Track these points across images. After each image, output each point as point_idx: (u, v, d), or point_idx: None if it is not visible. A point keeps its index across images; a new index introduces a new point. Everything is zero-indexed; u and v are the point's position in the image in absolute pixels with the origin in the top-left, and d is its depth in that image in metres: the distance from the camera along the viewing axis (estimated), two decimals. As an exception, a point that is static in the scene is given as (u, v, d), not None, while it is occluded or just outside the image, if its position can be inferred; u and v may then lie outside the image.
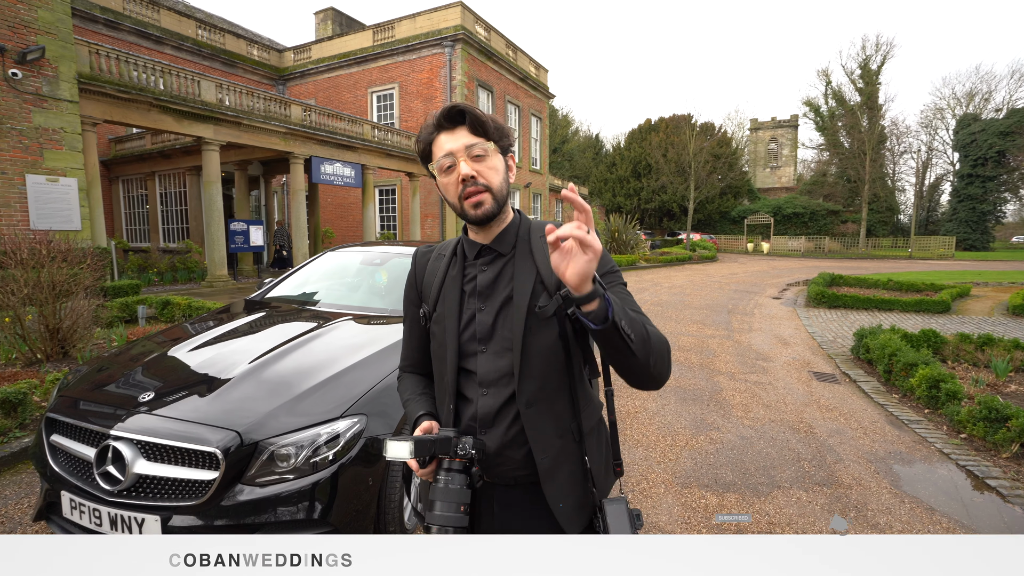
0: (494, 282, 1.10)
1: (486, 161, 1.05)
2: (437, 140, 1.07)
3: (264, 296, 3.81)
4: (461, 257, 1.16)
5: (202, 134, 11.71)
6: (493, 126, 1.06)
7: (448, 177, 1.06)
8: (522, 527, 1.09)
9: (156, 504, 1.92)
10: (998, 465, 3.42)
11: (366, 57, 22.21)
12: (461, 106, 1.05)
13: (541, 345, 1.04)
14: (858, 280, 13.12)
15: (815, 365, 6.08)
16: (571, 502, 1.07)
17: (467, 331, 1.10)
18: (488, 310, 1.09)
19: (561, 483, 1.06)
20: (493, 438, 1.07)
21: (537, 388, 1.05)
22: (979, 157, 36.60)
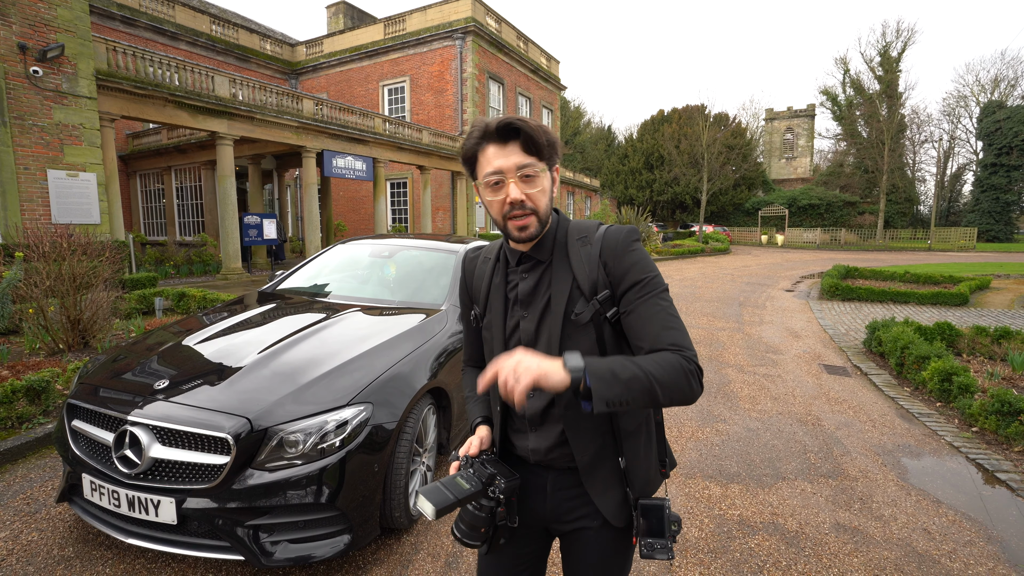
0: (534, 289, 1.11)
1: (535, 183, 1.03)
2: (485, 151, 1.04)
3: (276, 288, 3.89)
4: (504, 264, 1.18)
5: (216, 129, 11.87)
6: (546, 142, 1.03)
7: (495, 195, 1.04)
8: (572, 507, 1.13)
9: (171, 487, 2.01)
10: (1009, 459, 3.39)
11: (377, 50, 22.25)
12: (517, 123, 1.01)
13: (579, 350, 1.00)
14: (874, 272, 12.92)
15: (826, 358, 6.03)
16: (613, 497, 1.10)
17: (513, 338, 1.14)
18: (531, 317, 1.11)
19: (600, 480, 1.09)
20: (543, 436, 1.11)
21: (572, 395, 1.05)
22: (1004, 146, 35.58)
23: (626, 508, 1.10)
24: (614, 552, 1.13)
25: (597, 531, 1.11)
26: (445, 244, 4.11)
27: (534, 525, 1.17)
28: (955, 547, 2.47)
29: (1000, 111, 36.70)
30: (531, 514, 1.16)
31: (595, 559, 1.13)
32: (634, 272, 1.04)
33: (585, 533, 1.13)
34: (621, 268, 1.05)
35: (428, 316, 3.13)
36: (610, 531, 1.11)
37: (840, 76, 42.02)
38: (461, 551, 2.39)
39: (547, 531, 1.19)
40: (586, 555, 1.14)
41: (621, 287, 1.04)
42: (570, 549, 1.17)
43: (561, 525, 1.15)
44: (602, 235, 1.09)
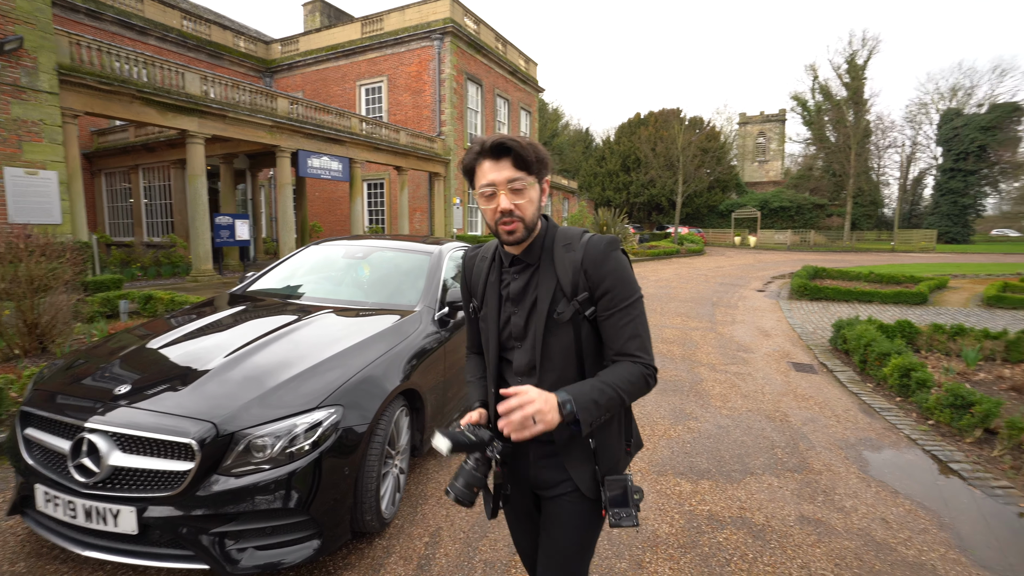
0: (524, 289, 1.27)
1: (524, 194, 1.19)
2: (481, 165, 1.19)
3: (247, 289, 3.81)
4: (499, 264, 1.33)
5: (187, 127, 11.56)
6: (534, 159, 1.18)
7: (488, 204, 1.20)
8: (550, 476, 1.29)
9: (131, 495, 1.95)
10: (961, 450, 3.54)
11: (354, 50, 22.00)
12: (508, 142, 1.15)
13: (559, 345, 1.22)
14: (841, 273, 13.33)
15: (794, 356, 6.20)
16: (586, 471, 1.25)
17: (505, 330, 1.30)
18: (520, 313, 1.27)
19: (577, 456, 1.25)
20: None
21: (555, 380, 1.22)
22: (961, 152, 37.19)
23: (597, 483, 1.25)
24: (585, 520, 1.27)
25: (572, 500, 1.26)
26: (420, 245, 4.09)
27: (524, 487, 1.37)
28: (911, 535, 2.58)
29: (958, 118, 38.32)
30: (521, 478, 1.35)
31: (568, 523, 1.27)
32: (610, 280, 1.18)
33: (562, 500, 1.27)
34: (599, 275, 1.19)
35: (402, 317, 3.11)
36: (584, 502, 1.26)
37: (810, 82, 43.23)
38: (434, 553, 2.38)
39: (534, 494, 1.38)
40: (561, 519, 1.28)
41: (599, 291, 1.19)
42: (548, 513, 1.31)
43: (543, 491, 1.32)
44: (585, 243, 1.23)
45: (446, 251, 4.01)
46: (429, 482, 3.04)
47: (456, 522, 2.63)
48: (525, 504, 1.41)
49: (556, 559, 1.29)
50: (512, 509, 1.44)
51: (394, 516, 2.64)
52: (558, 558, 1.28)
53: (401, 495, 2.78)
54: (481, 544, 2.46)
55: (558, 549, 1.28)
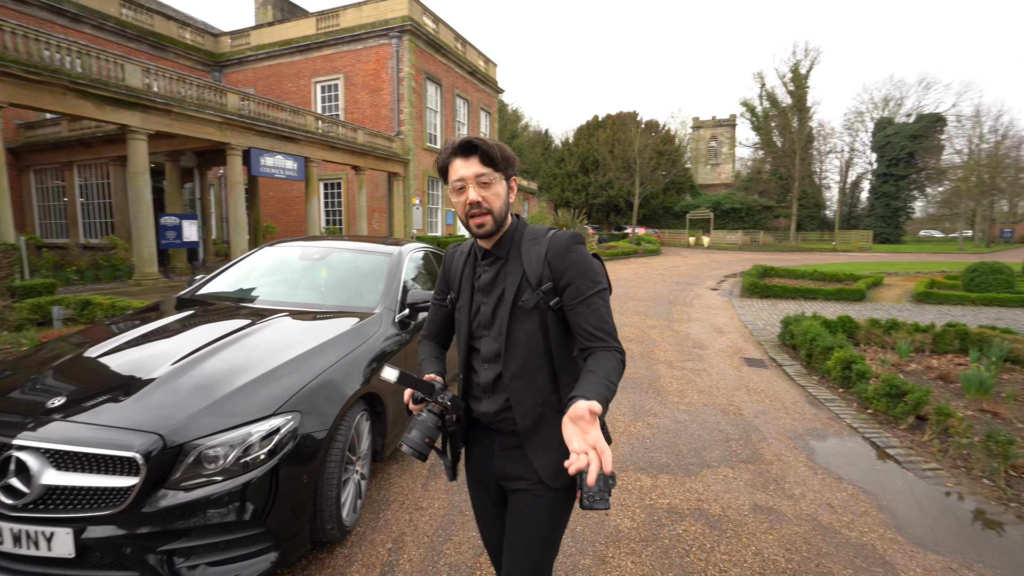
0: (493, 280, 1.35)
1: (491, 188, 1.27)
2: (453, 163, 1.29)
3: (196, 293, 3.64)
4: (474, 258, 1.42)
5: (127, 122, 10.90)
6: (500, 157, 1.27)
7: (459, 197, 1.29)
8: (514, 467, 1.34)
9: (68, 516, 1.82)
10: (896, 436, 3.79)
11: (309, 45, 21.37)
12: (475, 141, 1.26)
13: (524, 332, 1.29)
14: (787, 271, 14.00)
15: (746, 351, 6.46)
16: (551, 458, 1.28)
17: (475, 319, 1.37)
18: (489, 303, 1.34)
19: (541, 443, 1.29)
20: (493, 402, 1.34)
21: (520, 366, 1.29)
22: (893, 158, 39.80)
23: (564, 472, 1.28)
24: (550, 512, 1.31)
25: (536, 493, 1.30)
26: (379, 246, 4.02)
27: (491, 479, 1.40)
28: (853, 518, 2.73)
29: (890, 127, 41.00)
30: (485, 468, 1.40)
31: (533, 516, 1.31)
32: (573, 271, 1.26)
33: (526, 494, 1.32)
34: (562, 266, 1.27)
35: (361, 320, 3.05)
36: (549, 494, 1.30)
37: (758, 89, 45.31)
38: (397, 560, 2.35)
39: (499, 486, 1.41)
40: (526, 512, 1.32)
41: (562, 281, 1.26)
42: (513, 506, 1.35)
43: (508, 483, 1.36)
44: (549, 238, 1.31)
45: (406, 252, 3.96)
46: (391, 487, 2.99)
47: (420, 526, 2.60)
48: (492, 496, 1.45)
49: (522, 553, 1.31)
50: (480, 501, 1.49)
51: (356, 523, 2.59)
52: (523, 552, 1.31)
53: (363, 501, 2.72)
54: (445, 548, 2.44)
55: (523, 543, 1.31)
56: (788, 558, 2.38)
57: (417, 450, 1.22)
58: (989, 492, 3.01)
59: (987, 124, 36.77)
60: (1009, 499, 2.93)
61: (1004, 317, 8.55)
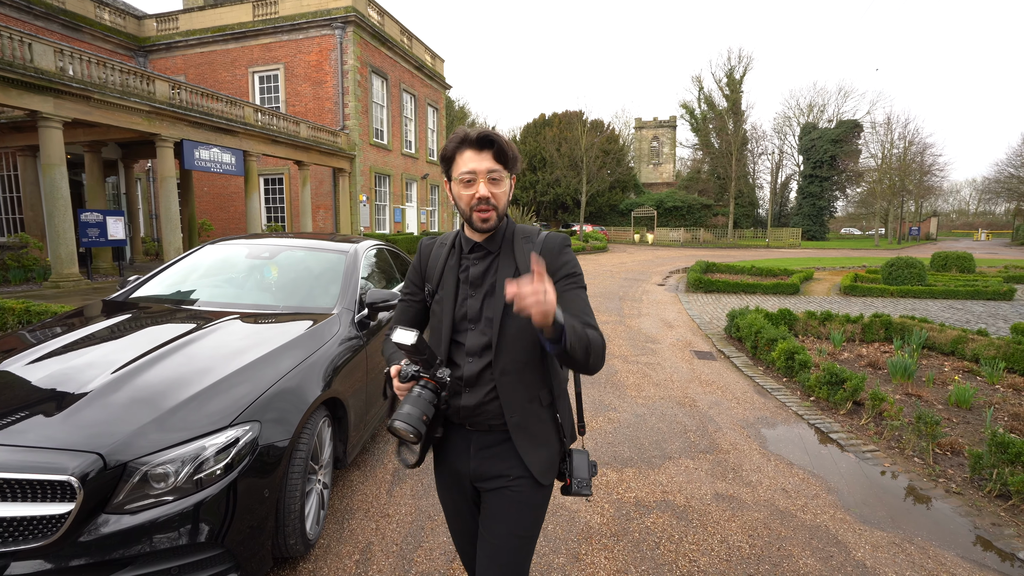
0: (483, 274, 1.34)
1: (500, 185, 1.28)
2: (463, 153, 1.27)
3: (129, 296, 3.34)
4: (459, 250, 1.38)
5: (38, 108, 9.89)
6: (512, 156, 1.28)
7: (467, 190, 1.27)
8: (492, 466, 1.32)
9: (-11, 550, 1.61)
10: (837, 421, 4.05)
11: (246, 33, 20.24)
12: (493, 136, 1.25)
13: (516, 327, 1.28)
14: (728, 267, 14.70)
15: (696, 344, 6.71)
16: (542, 454, 1.31)
17: (460, 311, 1.34)
18: (477, 296, 1.33)
19: (530, 437, 1.30)
20: (474, 395, 1.30)
21: (510, 360, 1.28)
22: (817, 160, 42.75)
23: (552, 467, 1.33)
24: (528, 507, 1.31)
25: (516, 490, 1.29)
26: (334, 244, 3.85)
27: (465, 482, 1.36)
28: (806, 501, 2.89)
29: (814, 131, 44.01)
30: (458, 472, 1.36)
31: (512, 515, 1.29)
32: (565, 268, 1.32)
33: (505, 491, 1.30)
34: (555, 264, 1.31)
35: (317, 322, 2.90)
36: (530, 489, 1.30)
37: (696, 92, 47.21)
38: (365, 571, 2.25)
39: (473, 489, 1.38)
40: (504, 511, 1.30)
41: (554, 278, 1.29)
42: (490, 507, 1.32)
43: (483, 483, 1.33)
44: (543, 238, 1.36)
45: (362, 250, 3.81)
46: (355, 495, 2.87)
47: (387, 535, 2.51)
48: (467, 501, 1.41)
49: (499, 555, 1.28)
50: (455, 510, 1.44)
51: (319, 535, 2.46)
52: (501, 554, 1.28)
53: (326, 512, 2.59)
54: (416, 555, 2.36)
55: (501, 544, 1.28)
56: (751, 543, 2.48)
57: (414, 427, 1.13)
58: (920, 469, 3.26)
59: (897, 131, 40.28)
60: (937, 475, 3.19)
61: (919, 307, 9.37)
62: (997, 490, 2.94)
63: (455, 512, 1.44)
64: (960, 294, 10.59)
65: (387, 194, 22.90)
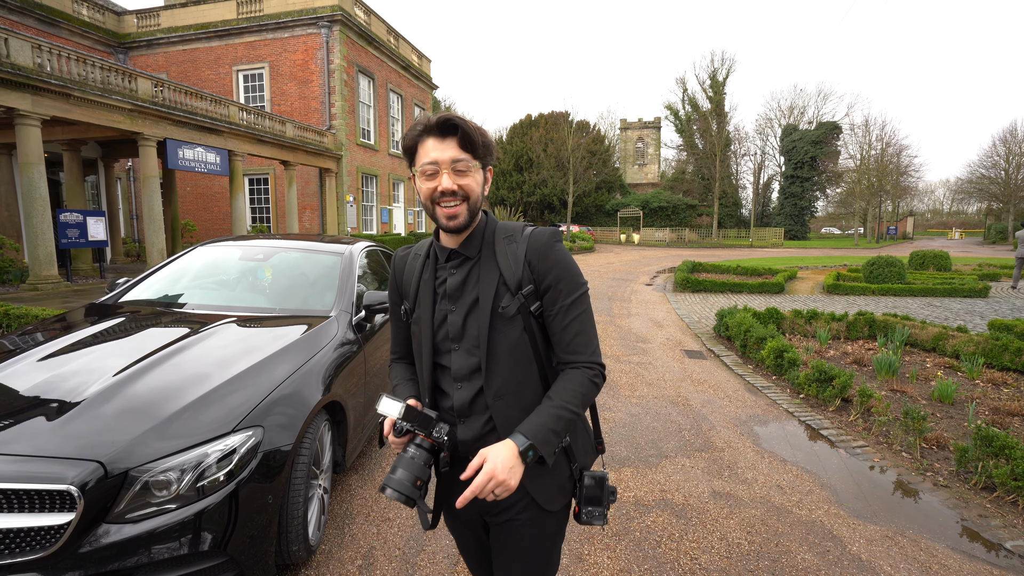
0: (462, 284, 1.16)
1: (468, 177, 1.10)
2: (424, 143, 1.10)
3: (118, 299, 3.27)
4: (433, 260, 1.22)
5: (15, 105, 9.63)
6: (481, 143, 1.10)
7: (428, 183, 1.10)
8: (500, 503, 1.15)
9: (-15, 562, 1.57)
10: (827, 418, 4.13)
11: (230, 31, 19.94)
12: (455, 120, 1.07)
13: (507, 343, 1.12)
14: (714, 267, 14.88)
15: (686, 344, 6.79)
16: (548, 482, 1.15)
17: (440, 331, 1.17)
18: (458, 311, 1.15)
19: (534, 471, 1.11)
20: (470, 427, 1.15)
21: (504, 382, 1.12)
22: (798, 161, 43.50)
23: (562, 492, 1.17)
24: (541, 539, 1.18)
25: (527, 521, 1.16)
26: (329, 245, 3.82)
27: (472, 514, 1.22)
28: (801, 497, 2.94)
29: (795, 133, 44.77)
30: (466, 509, 1.19)
31: (525, 548, 1.17)
32: (555, 271, 1.13)
33: (514, 524, 1.16)
34: (544, 266, 1.13)
35: (315, 324, 2.87)
36: (540, 519, 1.16)
37: (680, 94, 47.74)
38: None
39: (483, 520, 1.24)
40: (517, 545, 1.18)
41: (544, 284, 1.13)
42: (499, 539, 1.20)
43: (491, 516, 1.19)
44: (528, 235, 1.16)
45: (357, 251, 3.79)
46: (354, 499, 2.85)
47: (389, 539, 2.49)
48: (476, 530, 1.29)
49: None
50: (466, 541, 1.32)
51: (321, 541, 2.44)
52: None
53: (327, 517, 2.57)
54: (419, 559, 2.35)
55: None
56: (750, 540, 2.52)
57: (406, 495, 1.02)
58: (908, 464, 3.35)
59: (875, 133, 41.20)
60: (925, 469, 3.27)
61: (900, 305, 9.59)
62: (982, 483, 3.03)
63: (465, 545, 1.34)
64: (938, 292, 10.86)
65: (374, 194, 22.74)
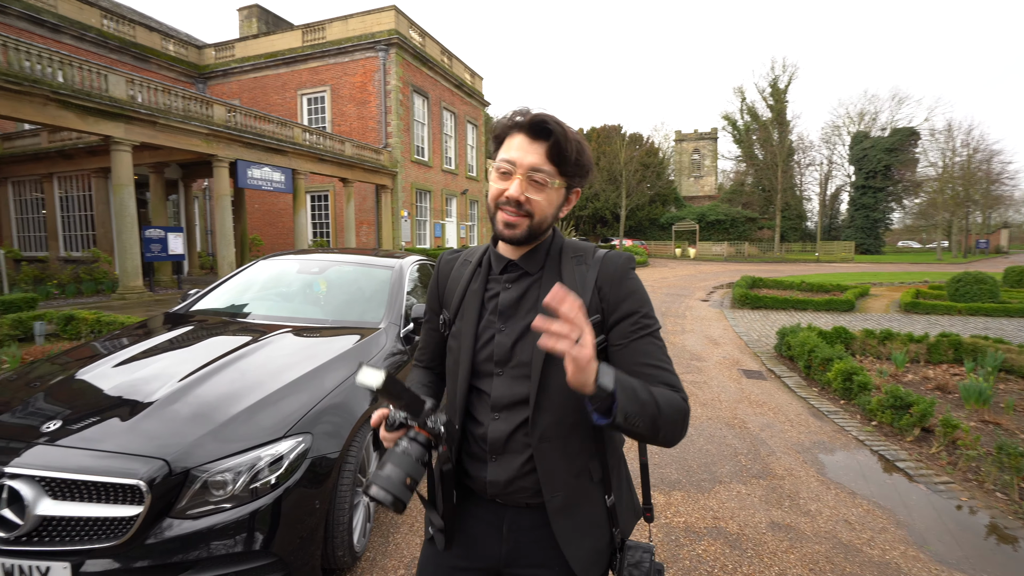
0: (518, 302, 1.02)
1: (542, 192, 0.96)
2: (512, 137, 0.98)
3: (189, 309, 3.51)
4: (486, 269, 1.09)
5: (111, 133, 10.69)
6: (575, 159, 0.96)
7: (498, 183, 0.98)
8: (533, 552, 1.02)
9: (65, 549, 1.70)
10: (904, 448, 3.78)
11: (295, 58, 21.32)
12: (551, 123, 0.94)
13: (563, 377, 0.90)
14: (776, 282, 14.16)
15: (743, 363, 6.46)
16: (587, 545, 1.00)
17: (484, 351, 1.03)
18: (508, 332, 1.01)
19: (575, 525, 0.99)
20: (503, 467, 1.00)
21: (554, 422, 0.97)
22: (870, 171, 40.84)
23: (599, 560, 1.02)
24: None
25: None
26: (380, 259, 3.94)
27: (486, 567, 1.05)
28: (872, 535, 2.69)
29: (866, 140, 42.14)
30: (483, 555, 1.04)
31: None
32: (631, 302, 0.99)
33: None
34: (618, 295, 1.00)
35: (365, 336, 2.96)
36: None
37: (738, 103, 46.23)
38: (411, 587, 2.24)
39: (499, 573, 1.07)
40: None
41: (615, 315, 0.99)
42: None
43: (516, 569, 1.03)
44: (601, 258, 1.04)
45: (407, 265, 3.88)
46: (399, 509, 2.88)
47: (432, 551, 2.49)
48: None
49: None
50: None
51: (365, 548, 2.47)
52: None
53: (371, 525, 2.61)
54: (460, 573, 2.33)
55: None
56: (813, 577, 2.33)
57: (393, 494, 0.84)
58: (1004, 506, 2.99)
59: (959, 138, 38.02)
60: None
61: (991, 327, 8.71)
62: (1094, 531, 2.67)
63: None
64: (1037, 312, 9.80)
65: (427, 209, 23.38)
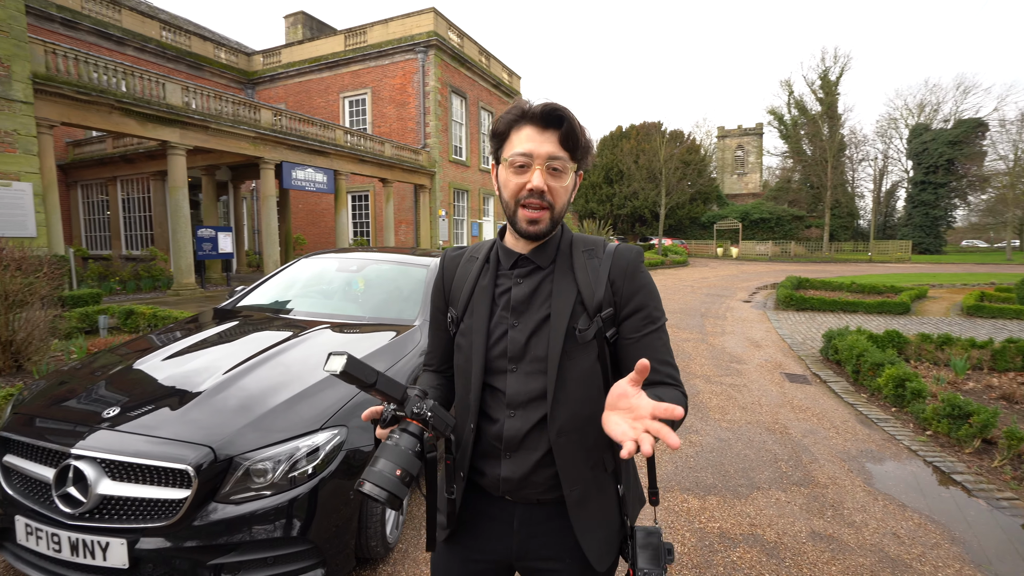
0: (530, 297, 1.03)
1: (561, 179, 0.98)
2: (520, 130, 0.98)
3: (235, 305, 3.69)
4: (494, 265, 1.09)
5: (167, 138, 11.33)
6: (583, 143, 0.99)
7: (517, 177, 0.98)
8: (544, 546, 1.04)
9: (122, 526, 1.82)
10: (962, 460, 3.55)
11: (338, 62, 21.95)
12: (563, 111, 0.96)
13: (578, 370, 0.99)
14: (823, 283, 13.55)
15: (786, 366, 6.23)
16: (600, 536, 1.03)
17: (497, 347, 1.03)
18: (522, 327, 1.01)
19: (591, 515, 1.02)
20: (518, 463, 1.01)
21: (571, 416, 0.99)
22: (931, 165, 38.41)
23: (610, 549, 1.04)
24: None
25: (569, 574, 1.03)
26: (416, 258, 4.02)
27: (497, 561, 1.07)
28: (923, 550, 2.55)
29: (926, 133, 39.64)
30: (493, 550, 1.06)
31: None
32: (642, 296, 1.02)
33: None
34: (630, 289, 1.02)
35: (401, 333, 3.02)
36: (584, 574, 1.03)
37: (785, 97, 44.44)
38: (441, 580, 2.27)
39: (511, 567, 1.09)
40: None
41: (627, 309, 1.02)
42: None
43: (527, 563, 1.06)
44: (612, 251, 1.05)
45: (443, 264, 3.94)
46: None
47: (462, 546, 2.53)
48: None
49: None
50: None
51: (398, 540, 2.53)
52: None
53: (404, 517, 2.67)
54: (490, 569, 2.36)
55: None
56: (857, 591, 2.23)
57: (386, 489, 0.81)
58: (1073, 524, 2.78)
59: (1033, 129, 35.21)
60: (1095, 532, 2.69)
61: (1064, 332, 8.06)
62: None
63: None
64: (1120, 317, 8.99)
65: (465, 208, 23.62)
